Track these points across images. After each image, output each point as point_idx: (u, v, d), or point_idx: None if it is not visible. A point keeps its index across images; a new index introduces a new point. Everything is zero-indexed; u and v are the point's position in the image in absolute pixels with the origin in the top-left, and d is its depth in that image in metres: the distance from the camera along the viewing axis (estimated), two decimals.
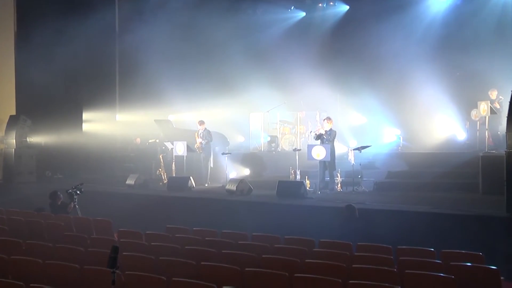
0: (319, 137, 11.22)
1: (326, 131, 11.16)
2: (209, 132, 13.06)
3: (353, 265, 5.58)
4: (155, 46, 16.26)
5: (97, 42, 15.58)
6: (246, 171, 13.72)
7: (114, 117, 17.34)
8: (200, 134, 13.01)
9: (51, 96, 15.06)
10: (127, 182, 13.06)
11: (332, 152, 11.02)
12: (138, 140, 15.77)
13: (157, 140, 15.04)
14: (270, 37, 16.25)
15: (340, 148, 13.29)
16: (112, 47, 17.31)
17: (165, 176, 13.61)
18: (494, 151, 10.85)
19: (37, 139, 14.87)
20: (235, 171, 13.52)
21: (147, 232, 7.40)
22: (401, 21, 14.42)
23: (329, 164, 11.13)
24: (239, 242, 6.75)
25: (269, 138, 14.75)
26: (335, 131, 11.31)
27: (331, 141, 11.11)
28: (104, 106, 16.77)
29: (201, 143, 12.92)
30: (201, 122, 13.09)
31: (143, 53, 16.15)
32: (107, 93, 17.04)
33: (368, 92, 14.28)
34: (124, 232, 7.47)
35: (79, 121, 16.12)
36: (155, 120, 14.94)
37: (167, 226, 7.86)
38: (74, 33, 14.47)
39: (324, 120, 11.46)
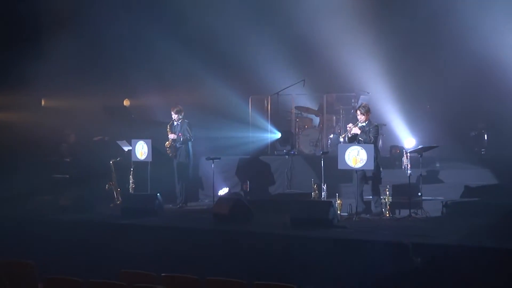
0: (353, 139, 11.29)
1: (361, 127, 11.22)
2: (188, 125, 13.08)
3: None
4: None
5: None
6: (243, 186, 13.76)
7: (38, 101, 17.35)
8: (175, 127, 13.04)
9: None
10: (60, 203, 13.08)
11: (375, 157, 11.03)
12: (73, 137, 15.76)
13: (106, 138, 15.07)
14: None
15: (389, 151, 13.33)
16: None
17: (119, 193, 13.65)
18: None
19: None
20: (227, 186, 13.57)
21: (91, 280, 7.41)
22: None
23: (371, 176, 11.13)
24: None
25: (279, 135, 14.80)
26: (377, 126, 11.36)
27: (372, 142, 11.14)
28: (22, 84, 16.75)
29: (174, 141, 12.94)
30: (177, 110, 13.05)
31: None
32: (26, 64, 17.00)
33: (433, 64, 14.26)
34: (55, 280, 7.47)
35: None
36: (103, 107, 14.96)
37: (122, 270, 7.86)
38: None
39: (356, 110, 11.51)
